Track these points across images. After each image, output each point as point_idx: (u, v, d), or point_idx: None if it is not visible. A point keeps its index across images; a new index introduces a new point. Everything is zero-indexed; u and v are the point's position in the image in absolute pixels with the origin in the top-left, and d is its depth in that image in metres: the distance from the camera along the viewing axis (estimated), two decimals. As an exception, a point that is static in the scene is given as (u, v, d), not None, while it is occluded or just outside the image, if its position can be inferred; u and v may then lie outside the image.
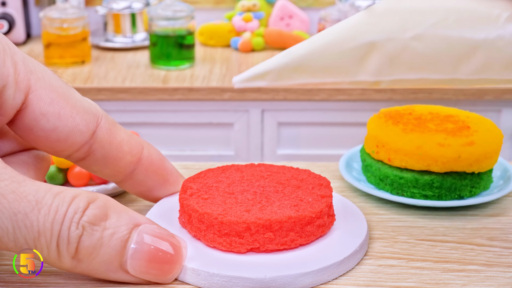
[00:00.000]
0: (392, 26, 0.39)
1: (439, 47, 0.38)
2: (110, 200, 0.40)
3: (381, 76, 0.40)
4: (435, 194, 0.52)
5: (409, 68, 0.39)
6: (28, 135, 0.42)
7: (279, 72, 0.41)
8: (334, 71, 0.40)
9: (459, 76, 0.39)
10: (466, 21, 0.38)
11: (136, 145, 0.46)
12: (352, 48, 0.39)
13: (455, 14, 0.38)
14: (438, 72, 0.39)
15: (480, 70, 0.38)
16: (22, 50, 1.64)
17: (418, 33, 0.38)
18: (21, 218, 0.37)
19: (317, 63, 0.40)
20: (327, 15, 1.49)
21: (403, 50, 0.38)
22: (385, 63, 0.39)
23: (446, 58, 0.38)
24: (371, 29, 0.39)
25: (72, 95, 0.43)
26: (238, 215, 0.42)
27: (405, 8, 0.39)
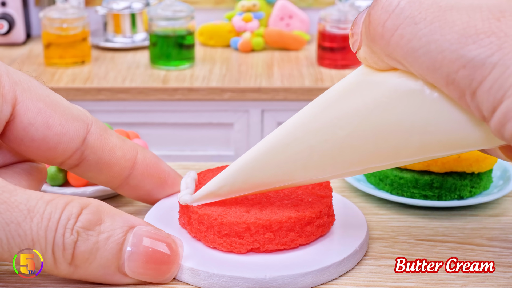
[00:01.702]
0: (324, 129, 0.40)
1: (374, 139, 0.39)
2: (103, 205, 0.40)
3: (326, 174, 0.41)
4: (435, 194, 0.52)
5: (352, 163, 0.40)
6: (19, 146, 0.43)
7: (231, 188, 0.43)
8: (281, 177, 0.42)
9: (401, 160, 0.39)
10: (392, 106, 0.38)
11: (129, 149, 0.46)
12: (294, 153, 0.41)
13: (379, 102, 0.38)
14: (381, 161, 0.40)
15: (420, 152, 0.38)
16: (22, 50, 1.64)
17: (349, 131, 0.39)
18: (14, 228, 0.37)
19: (263, 174, 0.42)
20: (327, 15, 1.49)
21: (341, 148, 0.40)
22: (327, 162, 0.40)
23: (383, 148, 0.39)
24: (308, 133, 0.40)
25: (60, 103, 0.43)
26: (238, 216, 0.42)
27: (331, 113, 0.40)
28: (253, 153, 0.42)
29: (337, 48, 1.49)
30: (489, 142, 0.37)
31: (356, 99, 0.39)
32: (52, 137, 0.43)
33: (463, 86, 0.34)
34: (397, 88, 0.38)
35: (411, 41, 0.36)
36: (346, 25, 1.48)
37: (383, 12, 0.37)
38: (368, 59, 0.39)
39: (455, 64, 0.34)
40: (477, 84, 0.34)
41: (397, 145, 0.38)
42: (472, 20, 0.34)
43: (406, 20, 0.36)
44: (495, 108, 0.33)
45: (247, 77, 1.44)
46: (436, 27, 0.35)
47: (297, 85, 1.40)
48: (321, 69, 1.50)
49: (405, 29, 0.36)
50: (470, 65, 0.33)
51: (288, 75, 1.46)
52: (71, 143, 0.43)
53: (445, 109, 0.37)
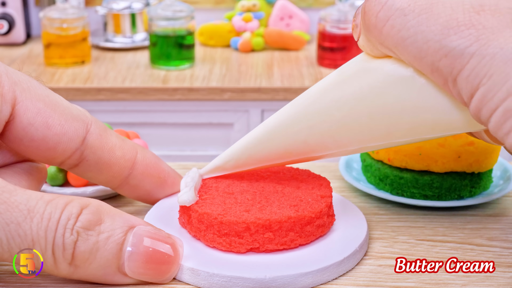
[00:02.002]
0: (323, 110, 0.43)
1: (368, 120, 0.42)
2: (103, 205, 0.40)
3: (323, 152, 0.45)
4: (435, 194, 0.52)
5: (348, 142, 0.44)
6: (19, 146, 0.43)
7: (237, 162, 0.47)
8: (282, 153, 0.46)
9: (394, 141, 0.43)
10: (385, 90, 0.41)
11: (129, 149, 0.46)
12: (295, 132, 0.45)
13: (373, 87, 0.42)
14: (374, 141, 0.43)
15: (410, 133, 0.42)
16: (22, 50, 1.63)
17: (345, 112, 0.43)
18: (14, 228, 0.37)
19: (266, 150, 0.46)
20: (327, 15, 1.49)
21: (337, 128, 0.43)
22: (325, 141, 0.44)
23: (376, 129, 0.42)
24: (308, 114, 0.44)
25: (60, 103, 0.43)
26: (238, 215, 0.42)
27: (330, 96, 0.43)
28: (257, 131, 0.46)
29: (337, 48, 1.49)
30: (472, 125, 0.40)
31: (353, 84, 0.42)
32: (51, 137, 0.43)
33: (446, 74, 0.38)
34: (390, 74, 0.41)
35: (401, 31, 0.39)
36: (346, 25, 1.48)
37: (376, 3, 0.40)
38: (366, 47, 0.43)
39: (438, 53, 0.37)
40: (457, 72, 0.37)
41: (389, 126, 0.42)
42: (455, 13, 0.37)
43: (396, 12, 0.39)
44: (472, 95, 0.36)
45: (247, 77, 1.44)
46: (423, 18, 0.38)
47: (297, 85, 1.40)
48: (321, 69, 1.50)
49: (396, 20, 0.39)
50: (451, 55, 0.37)
51: (288, 75, 1.46)
52: (71, 143, 0.43)
53: (432, 94, 0.40)
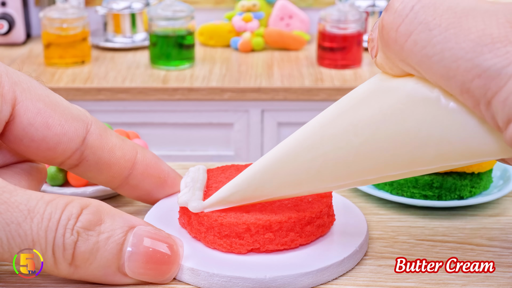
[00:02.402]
0: (338, 135, 0.39)
1: (389, 147, 0.38)
2: (103, 205, 0.40)
3: (340, 182, 0.40)
4: (435, 194, 0.52)
5: (366, 171, 0.39)
6: (19, 146, 0.43)
7: (242, 195, 0.43)
8: (294, 185, 0.41)
9: (418, 169, 0.38)
10: (408, 113, 0.37)
11: (129, 149, 0.46)
12: (307, 161, 0.40)
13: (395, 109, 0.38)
14: (396, 169, 0.39)
15: (436, 160, 0.38)
16: (22, 50, 1.63)
17: (364, 138, 0.38)
18: (14, 228, 0.37)
19: (276, 182, 0.42)
20: (327, 15, 1.49)
21: (355, 155, 0.39)
22: (341, 170, 0.40)
23: (398, 156, 0.38)
24: (321, 140, 0.40)
25: (60, 103, 0.43)
26: (238, 216, 0.42)
27: (346, 120, 0.39)
28: (265, 160, 0.42)
29: (337, 48, 1.49)
30: (506, 152, 0.36)
31: (372, 106, 0.38)
32: (51, 137, 0.43)
33: (478, 96, 0.34)
34: (413, 94, 0.37)
35: (425, 47, 0.35)
36: (346, 25, 1.48)
37: (396, 16, 0.36)
38: (384, 65, 0.39)
39: (470, 73, 0.33)
40: (492, 94, 0.33)
41: (413, 154, 0.38)
42: (488, 28, 0.33)
43: (420, 26, 0.35)
44: (510, 120, 0.33)
45: (247, 77, 1.44)
46: (451, 34, 0.34)
47: (297, 85, 1.40)
48: (321, 69, 1.50)
49: (419, 35, 0.35)
50: (485, 75, 0.33)
51: (288, 75, 1.46)
52: (71, 143, 0.43)
53: (461, 118, 0.36)
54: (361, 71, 1.48)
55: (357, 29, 1.49)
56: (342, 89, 1.39)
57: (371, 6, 1.63)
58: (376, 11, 1.63)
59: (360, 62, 1.51)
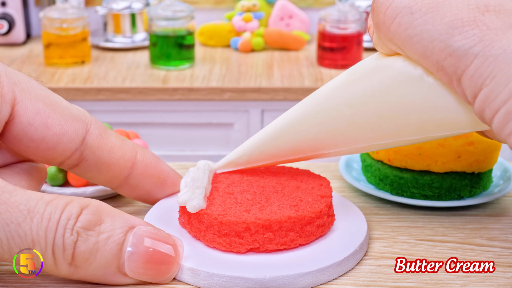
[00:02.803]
0: (333, 107, 0.44)
1: (377, 117, 0.43)
2: (102, 205, 0.40)
3: (335, 149, 0.46)
4: (435, 194, 0.52)
5: (357, 139, 0.44)
6: (18, 146, 0.43)
7: (248, 158, 0.48)
8: (294, 150, 0.47)
9: (403, 139, 0.43)
10: (394, 88, 0.42)
11: (129, 149, 0.46)
12: (305, 129, 0.45)
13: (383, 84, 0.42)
14: (383, 138, 0.44)
15: (419, 131, 0.42)
16: (22, 50, 1.63)
17: (355, 109, 0.43)
18: (14, 228, 0.37)
19: (278, 147, 0.47)
20: (327, 15, 1.49)
21: (347, 125, 0.44)
22: (335, 138, 0.45)
23: (385, 126, 0.43)
24: (318, 110, 0.45)
25: (59, 103, 0.43)
26: (238, 215, 0.42)
27: (341, 93, 0.44)
28: (269, 129, 0.47)
29: (337, 48, 1.49)
30: (478, 125, 0.41)
31: (364, 81, 0.43)
32: (51, 137, 0.43)
33: (450, 73, 0.38)
34: (400, 71, 0.41)
35: (408, 29, 0.39)
36: (346, 25, 1.48)
37: (384, 1, 0.40)
38: (377, 45, 0.43)
39: (443, 52, 0.38)
40: (461, 72, 0.37)
41: (398, 124, 0.42)
42: (460, 13, 0.37)
43: (404, 10, 0.39)
44: (476, 95, 0.37)
45: (247, 77, 1.44)
46: (429, 17, 0.38)
47: (297, 85, 1.40)
48: (321, 69, 1.50)
49: (403, 18, 0.39)
50: (455, 54, 0.37)
51: (288, 75, 1.46)
52: (70, 143, 0.43)
53: (440, 93, 0.40)
54: (361, 71, 1.48)
55: (357, 29, 1.49)
56: (342, 89, 1.39)
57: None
58: (376, 11, 1.63)
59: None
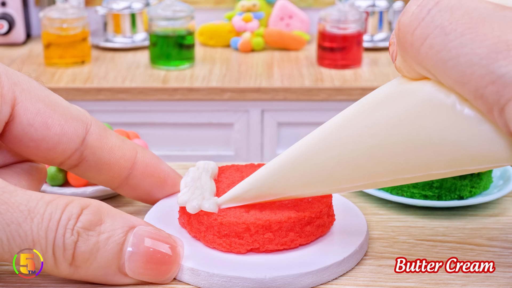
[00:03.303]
0: (354, 137, 0.39)
1: (404, 150, 0.38)
2: (103, 205, 0.40)
3: (353, 184, 0.41)
4: (435, 194, 0.52)
5: (380, 173, 0.39)
6: (18, 146, 0.43)
7: (256, 193, 0.43)
8: (308, 185, 0.42)
9: (432, 172, 0.39)
10: (423, 117, 0.37)
11: (129, 149, 0.46)
12: (322, 162, 0.41)
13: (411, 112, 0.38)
14: (410, 172, 0.39)
15: (450, 165, 0.38)
16: (22, 51, 1.63)
17: (379, 140, 0.39)
18: (14, 228, 0.37)
19: (290, 181, 0.42)
20: (327, 15, 1.49)
21: (370, 157, 0.39)
22: (355, 172, 0.40)
23: (412, 159, 0.38)
24: (336, 141, 0.40)
25: (60, 103, 0.43)
26: (238, 216, 0.42)
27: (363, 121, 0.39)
28: (280, 160, 0.42)
29: (337, 48, 1.49)
30: None
31: (388, 108, 0.39)
32: (51, 138, 0.43)
33: (492, 102, 0.34)
34: (429, 99, 0.37)
35: (441, 52, 0.35)
36: (346, 25, 1.48)
37: (413, 19, 0.36)
38: (402, 68, 0.39)
39: (484, 79, 0.34)
40: (505, 101, 0.33)
41: (427, 158, 0.38)
42: (504, 35, 0.33)
43: (436, 30, 0.35)
44: None
45: (247, 77, 1.44)
46: (467, 39, 0.34)
47: (297, 85, 1.40)
48: (321, 69, 1.49)
49: (435, 40, 0.35)
50: (499, 82, 0.33)
51: (288, 75, 1.46)
52: (71, 143, 0.43)
53: (476, 124, 0.36)
54: (361, 71, 1.48)
55: (357, 29, 1.49)
56: (342, 89, 1.39)
57: (371, 6, 1.63)
58: (376, 11, 1.63)
59: (360, 62, 1.51)
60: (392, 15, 1.64)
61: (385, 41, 1.63)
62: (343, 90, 1.39)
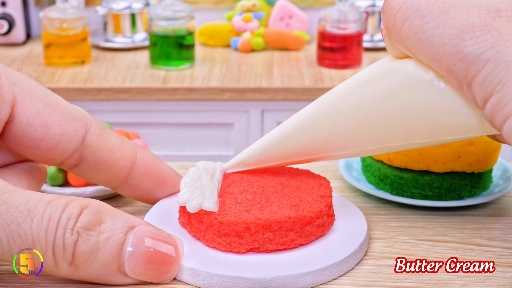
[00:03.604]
0: (344, 109, 0.44)
1: (388, 120, 0.43)
2: (103, 205, 0.40)
3: (344, 151, 0.46)
4: (435, 194, 0.52)
5: (368, 141, 0.44)
6: (18, 146, 0.43)
7: (258, 158, 0.48)
8: (304, 151, 0.47)
9: (413, 141, 0.43)
10: (405, 91, 0.42)
11: (129, 149, 0.46)
12: (315, 131, 0.45)
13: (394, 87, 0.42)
14: (394, 141, 0.44)
15: (429, 135, 0.42)
16: (22, 50, 1.63)
17: (366, 111, 0.43)
18: (14, 228, 0.37)
19: (288, 147, 0.47)
20: (327, 15, 1.49)
21: (358, 126, 0.44)
22: (346, 139, 0.45)
23: (395, 128, 0.43)
24: (329, 112, 0.45)
25: (59, 103, 0.43)
26: (238, 215, 0.42)
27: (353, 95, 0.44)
28: (279, 129, 0.47)
29: (337, 48, 1.49)
30: (488, 129, 0.41)
31: (375, 83, 0.43)
32: (51, 138, 0.43)
33: (460, 78, 0.38)
34: (411, 74, 0.41)
35: (418, 33, 0.39)
36: (346, 25, 1.48)
37: (394, 4, 0.40)
38: (388, 47, 0.43)
39: (454, 57, 0.38)
40: (471, 77, 0.37)
41: (408, 127, 0.42)
42: (471, 18, 0.37)
43: (414, 13, 0.39)
44: (486, 101, 0.37)
45: (247, 77, 1.44)
46: (440, 22, 0.38)
47: (297, 85, 1.40)
48: (321, 69, 1.49)
49: (413, 22, 0.39)
50: (466, 60, 0.37)
51: (288, 75, 1.46)
52: (70, 143, 0.43)
53: (450, 97, 0.40)
54: (361, 71, 1.48)
55: (357, 29, 1.49)
56: (342, 89, 1.39)
57: (371, 6, 1.63)
58: (376, 11, 1.63)
59: (360, 62, 1.51)
60: (392, 15, 1.63)
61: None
62: (343, 90, 1.39)
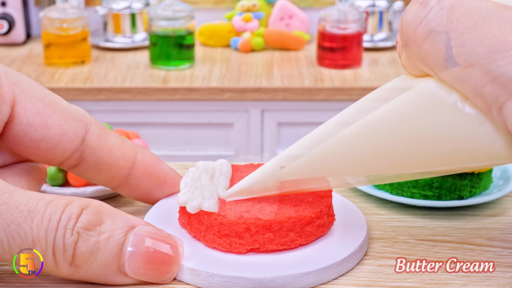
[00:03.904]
0: (358, 133, 0.40)
1: (406, 145, 0.39)
2: (103, 205, 0.40)
3: (358, 178, 0.42)
4: (435, 194, 0.52)
5: (383, 167, 0.40)
6: (18, 146, 0.43)
7: (263, 186, 0.44)
8: (311, 181, 0.43)
9: (433, 169, 0.40)
10: (425, 113, 0.38)
11: (129, 149, 0.46)
12: (326, 157, 0.41)
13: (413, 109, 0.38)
14: (412, 168, 0.40)
15: (451, 161, 0.38)
16: (22, 50, 1.63)
17: (382, 135, 0.39)
18: (14, 229, 0.37)
19: (295, 174, 0.43)
20: (327, 15, 1.49)
21: (374, 151, 0.40)
22: (360, 166, 0.41)
23: (414, 154, 0.39)
24: (341, 137, 0.40)
25: (59, 104, 0.43)
26: (238, 216, 0.42)
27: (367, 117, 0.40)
28: (286, 156, 0.43)
29: (337, 48, 1.48)
30: None
31: (392, 104, 0.39)
32: (51, 138, 0.43)
33: (490, 101, 0.34)
34: (431, 96, 0.37)
35: (441, 50, 0.36)
36: (346, 25, 1.48)
37: (415, 17, 0.37)
38: (406, 65, 0.39)
39: (483, 78, 0.34)
40: (503, 101, 0.34)
41: (429, 153, 0.38)
42: (502, 35, 0.33)
43: (437, 28, 0.36)
44: None
45: (247, 77, 1.44)
46: (466, 39, 0.34)
47: (297, 85, 1.40)
48: (321, 69, 1.49)
49: (436, 37, 0.36)
50: (497, 81, 0.34)
51: (288, 75, 1.46)
52: (70, 143, 0.43)
53: (476, 122, 0.36)
54: (361, 71, 1.48)
55: (357, 29, 1.49)
56: (342, 89, 1.39)
57: (371, 6, 1.63)
58: (376, 11, 1.63)
59: (360, 62, 1.51)
60: (392, 15, 1.64)
61: (385, 41, 1.62)
62: (343, 90, 1.39)
